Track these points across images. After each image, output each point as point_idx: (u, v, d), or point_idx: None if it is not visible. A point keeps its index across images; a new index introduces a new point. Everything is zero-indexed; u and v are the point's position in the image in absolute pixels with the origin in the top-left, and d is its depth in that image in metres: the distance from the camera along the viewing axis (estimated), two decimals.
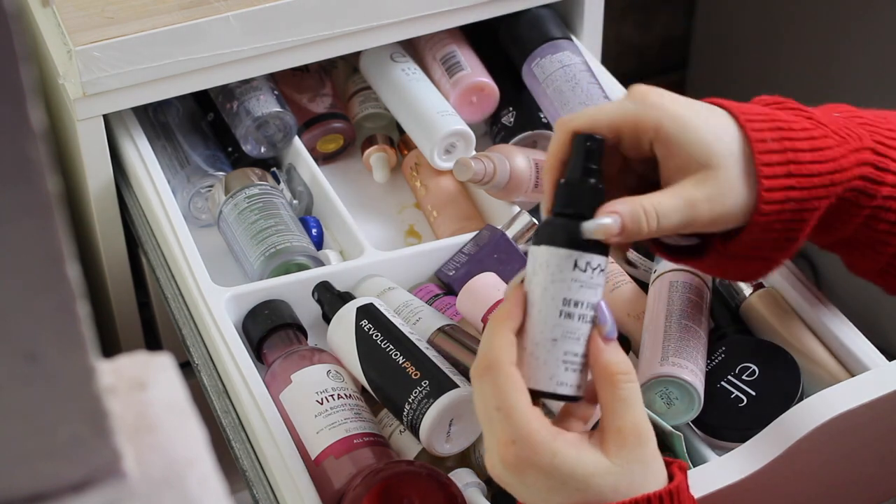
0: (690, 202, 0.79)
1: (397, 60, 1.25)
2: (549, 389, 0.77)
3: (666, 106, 0.80)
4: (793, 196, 0.81)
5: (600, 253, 0.78)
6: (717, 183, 0.79)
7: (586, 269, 0.77)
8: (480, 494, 0.89)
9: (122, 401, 0.51)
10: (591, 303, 0.77)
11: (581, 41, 1.29)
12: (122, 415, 0.51)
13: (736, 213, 0.81)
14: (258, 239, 1.09)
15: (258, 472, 0.93)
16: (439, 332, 0.98)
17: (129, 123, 1.19)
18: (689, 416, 0.91)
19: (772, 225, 0.81)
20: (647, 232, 0.78)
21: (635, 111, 0.80)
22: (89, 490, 0.49)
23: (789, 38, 1.86)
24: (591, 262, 0.77)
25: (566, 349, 0.77)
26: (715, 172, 0.79)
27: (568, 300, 0.77)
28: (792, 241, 0.84)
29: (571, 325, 0.77)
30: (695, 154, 0.79)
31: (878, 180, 0.84)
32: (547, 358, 0.77)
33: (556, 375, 0.77)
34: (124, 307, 1.27)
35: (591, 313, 0.78)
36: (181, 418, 0.52)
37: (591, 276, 0.77)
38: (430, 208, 1.18)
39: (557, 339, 0.77)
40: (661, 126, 0.80)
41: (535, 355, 0.77)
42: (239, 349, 0.99)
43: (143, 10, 1.13)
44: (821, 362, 0.95)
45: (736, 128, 0.81)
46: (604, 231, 0.77)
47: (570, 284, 0.77)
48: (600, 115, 0.81)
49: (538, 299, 0.78)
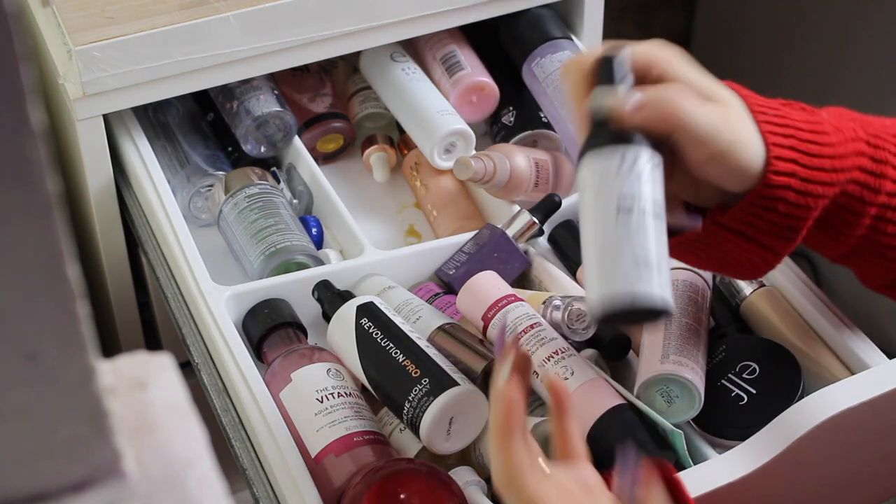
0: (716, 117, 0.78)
1: (397, 60, 1.25)
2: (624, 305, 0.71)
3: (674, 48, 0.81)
4: (797, 172, 0.80)
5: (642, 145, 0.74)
6: (730, 112, 0.79)
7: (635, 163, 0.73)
8: (481, 493, 0.89)
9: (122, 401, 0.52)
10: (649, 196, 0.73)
11: (581, 41, 1.29)
12: (122, 415, 0.51)
13: (749, 155, 0.78)
14: (258, 238, 1.09)
15: (258, 470, 0.93)
16: (439, 331, 0.98)
17: (129, 123, 1.19)
18: (689, 414, 0.91)
19: (776, 203, 0.80)
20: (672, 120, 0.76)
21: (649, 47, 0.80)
22: (89, 490, 0.49)
23: (789, 38, 1.86)
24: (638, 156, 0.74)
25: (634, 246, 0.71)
26: (729, 105, 0.79)
27: (623, 195, 0.72)
28: (793, 232, 0.82)
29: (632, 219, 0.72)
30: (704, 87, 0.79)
31: (877, 172, 0.83)
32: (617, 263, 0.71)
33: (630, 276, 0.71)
34: (124, 307, 1.27)
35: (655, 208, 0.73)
36: (181, 418, 0.52)
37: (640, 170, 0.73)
38: (430, 208, 1.19)
39: (622, 239, 0.71)
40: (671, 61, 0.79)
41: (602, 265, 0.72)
42: (239, 348, 0.99)
43: (143, 10, 1.13)
44: (821, 361, 0.95)
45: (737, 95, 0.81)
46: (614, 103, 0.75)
47: (620, 181, 0.73)
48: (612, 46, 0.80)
49: (592, 208, 0.73)
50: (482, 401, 0.91)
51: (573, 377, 0.91)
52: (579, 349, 0.96)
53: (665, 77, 0.79)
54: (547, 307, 0.98)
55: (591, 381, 0.91)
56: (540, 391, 0.94)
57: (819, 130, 0.82)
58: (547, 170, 1.15)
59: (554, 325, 0.97)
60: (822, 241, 0.86)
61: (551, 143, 1.22)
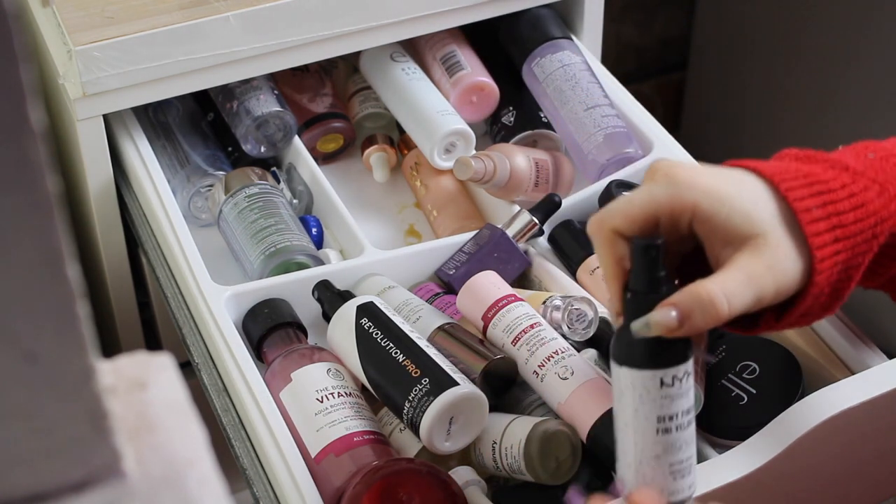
0: (754, 275, 0.75)
1: (397, 60, 1.25)
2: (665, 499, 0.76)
3: (698, 183, 0.76)
4: (840, 259, 0.77)
5: (683, 361, 0.75)
6: (770, 250, 0.75)
7: (673, 383, 0.75)
8: (481, 493, 0.89)
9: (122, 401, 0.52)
10: (684, 409, 0.75)
11: (581, 41, 1.29)
12: (122, 415, 0.51)
13: (794, 280, 0.76)
14: (258, 238, 1.09)
15: (258, 470, 0.93)
16: (439, 331, 0.98)
17: (129, 123, 1.19)
18: None
19: (823, 290, 0.78)
20: (720, 319, 0.74)
21: (669, 195, 0.76)
22: (89, 490, 0.49)
23: (790, 38, 1.86)
24: (676, 375, 0.75)
25: (671, 461, 0.75)
26: (765, 239, 0.75)
27: (662, 417, 0.75)
28: (839, 300, 0.80)
29: (670, 438, 0.75)
30: (739, 225, 0.75)
31: None
32: (654, 475, 0.76)
33: (666, 487, 0.76)
34: (124, 307, 1.27)
35: (689, 417, 0.76)
36: (181, 418, 0.52)
37: (680, 387, 0.75)
38: (430, 207, 1.19)
39: (660, 455, 0.75)
40: (698, 205, 0.75)
41: (640, 472, 0.76)
42: (239, 348, 0.99)
43: (143, 10, 1.14)
44: (821, 360, 0.95)
45: (771, 193, 0.77)
46: (660, 328, 0.74)
47: (661, 402, 0.75)
48: (633, 208, 0.76)
49: (632, 420, 0.76)
50: (482, 401, 0.91)
51: (573, 377, 0.91)
52: (579, 349, 0.96)
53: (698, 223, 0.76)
54: (547, 307, 0.98)
55: (591, 381, 0.91)
56: (540, 391, 0.94)
57: (860, 203, 0.78)
58: (547, 170, 1.15)
59: (554, 325, 0.97)
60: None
61: (551, 143, 1.22)
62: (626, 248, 0.76)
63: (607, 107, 1.18)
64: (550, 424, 0.89)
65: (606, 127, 1.16)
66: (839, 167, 0.80)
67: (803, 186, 0.77)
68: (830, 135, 1.75)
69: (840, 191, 0.78)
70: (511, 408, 0.96)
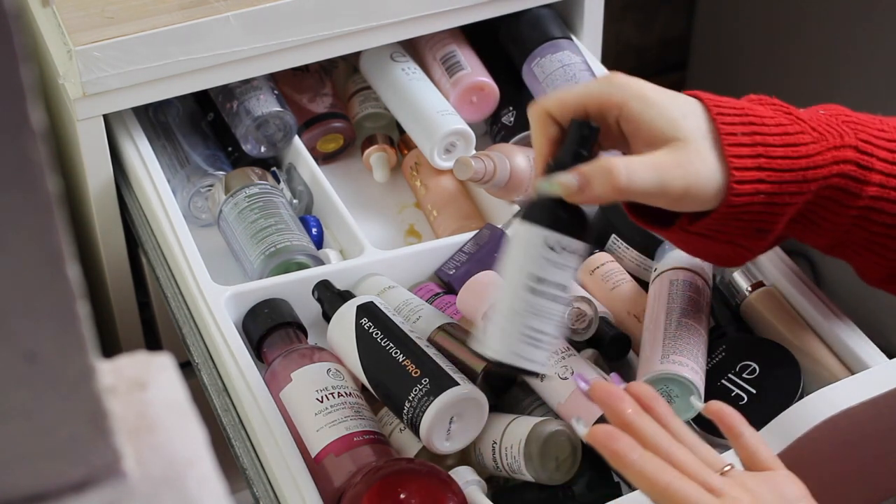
0: (660, 164, 0.80)
1: (397, 60, 1.25)
2: (506, 360, 0.80)
3: (631, 85, 0.83)
4: (762, 189, 0.82)
5: (573, 235, 0.80)
6: (686, 152, 0.80)
7: (557, 249, 0.79)
8: (481, 492, 0.89)
9: (122, 401, 0.51)
10: (558, 283, 0.80)
11: (581, 41, 1.29)
12: (122, 415, 0.51)
13: (707, 191, 0.81)
14: (258, 238, 1.09)
15: (258, 470, 0.93)
16: (439, 331, 0.98)
17: (129, 123, 1.19)
18: (689, 414, 0.91)
19: (740, 215, 0.82)
20: (617, 188, 0.79)
21: (600, 90, 0.83)
22: (89, 490, 0.49)
23: (789, 38, 1.86)
24: (562, 243, 0.79)
25: (527, 323, 0.79)
26: (684, 143, 0.81)
27: (532, 275, 0.79)
28: (763, 233, 0.84)
29: (533, 299, 0.79)
30: (661, 128, 0.81)
31: (861, 179, 0.84)
32: (509, 330, 0.80)
33: (512, 346, 0.80)
34: (124, 307, 1.27)
35: (560, 294, 0.80)
36: (181, 418, 0.52)
37: (560, 258, 0.79)
38: (430, 207, 1.19)
39: (518, 313, 0.79)
40: (625, 103, 0.82)
41: (497, 324, 0.80)
42: (239, 348, 0.99)
43: (143, 10, 1.14)
44: (821, 360, 0.95)
45: (705, 115, 0.82)
46: (561, 188, 0.79)
47: (538, 262, 0.79)
48: (568, 95, 0.83)
49: (508, 271, 0.80)
50: (482, 401, 0.91)
51: (573, 377, 0.91)
52: (579, 349, 0.96)
53: (624, 121, 0.82)
54: None
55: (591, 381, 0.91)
56: (540, 391, 0.94)
57: (793, 143, 0.83)
58: None
59: None
60: (803, 234, 0.87)
61: None
62: (556, 130, 0.83)
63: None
64: (550, 424, 0.89)
65: None
66: (782, 111, 0.85)
67: (735, 115, 0.83)
68: None
69: (773, 127, 0.83)
70: (511, 408, 0.96)
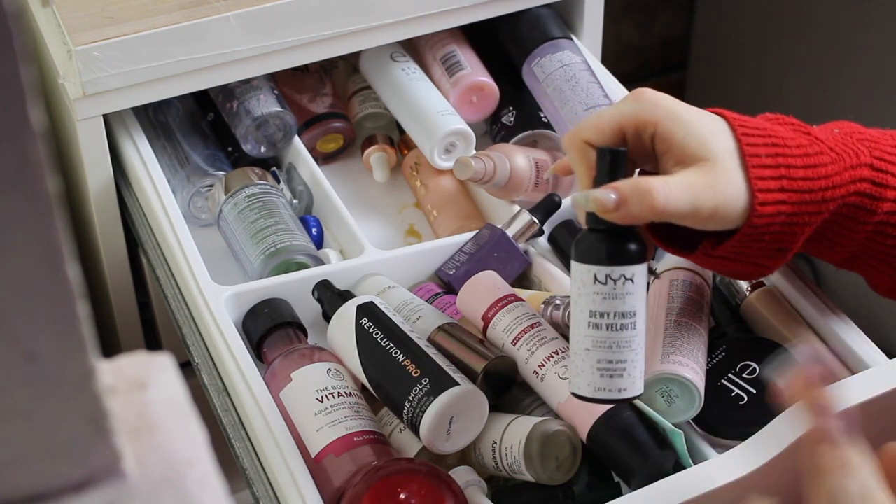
0: (694, 186, 0.81)
1: (397, 60, 1.25)
2: (588, 395, 0.82)
3: (662, 103, 0.83)
4: (784, 210, 0.83)
5: (621, 263, 0.81)
6: (715, 173, 0.81)
7: (606, 281, 0.80)
8: (481, 493, 0.89)
9: (122, 401, 0.51)
10: (619, 311, 0.81)
11: (581, 41, 1.29)
12: (122, 415, 0.51)
13: (733, 211, 0.82)
14: (258, 238, 1.09)
15: (258, 470, 0.93)
16: (439, 331, 0.98)
17: (129, 123, 1.19)
18: (689, 413, 0.91)
19: (761, 236, 0.83)
20: (654, 209, 0.79)
21: (634, 110, 0.83)
22: (89, 490, 0.49)
23: (789, 38, 1.86)
24: (610, 275, 0.81)
25: (599, 357, 0.81)
26: (713, 164, 0.81)
27: (593, 312, 0.81)
28: (783, 252, 0.86)
29: (601, 334, 0.81)
30: (692, 147, 0.82)
31: (877, 196, 0.86)
32: (583, 367, 0.82)
33: (593, 382, 0.82)
34: (124, 307, 1.27)
35: (627, 321, 0.81)
36: (181, 418, 0.52)
37: (615, 288, 0.80)
38: (430, 207, 1.19)
39: (589, 350, 0.81)
40: (658, 122, 0.82)
41: (574, 363, 0.82)
42: (239, 348, 0.99)
43: (143, 10, 1.14)
44: None
45: (731, 135, 0.83)
46: (596, 203, 0.80)
47: (592, 298, 0.81)
48: (602, 120, 0.84)
49: (573, 310, 0.82)
50: (482, 401, 0.91)
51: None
52: None
53: (658, 140, 0.82)
54: (547, 307, 0.98)
55: None
56: (540, 391, 0.94)
57: (813, 164, 0.84)
58: (547, 170, 1.15)
59: (554, 325, 0.97)
60: (819, 250, 0.89)
61: (551, 143, 1.22)
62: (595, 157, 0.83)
63: (607, 107, 1.18)
64: (550, 424, 0.89)
65: None
66: (801, 131, 0.86)
67: (759, 135, 0.83)
68: None
69: (794, 148, 0.84)
70: (511, 408, 0.96)
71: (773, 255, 0.86)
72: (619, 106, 0.84)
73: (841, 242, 0.87)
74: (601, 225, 0.81)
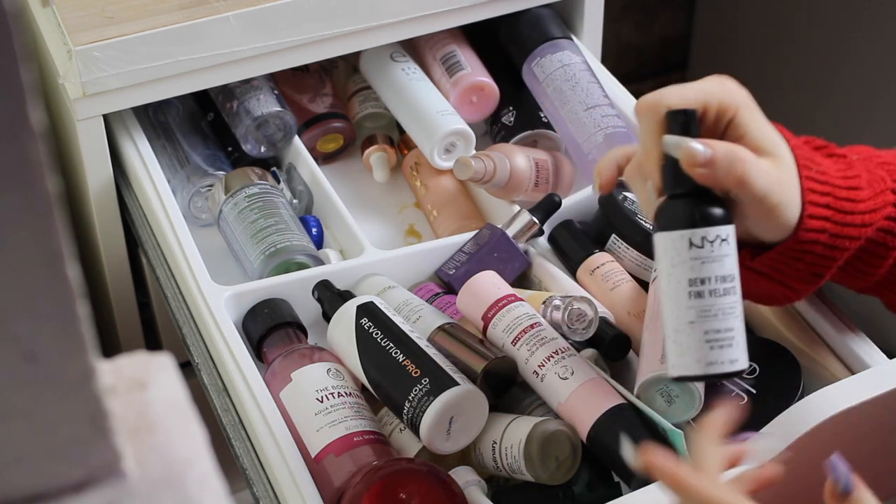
0: (772, 175, 0.80)
1: (397, 60, 1.25)
2: (698, 373, 0.78)
3: (744, 92, 0.83)
4: (828, 229, 0.83)
5: (712, 223, 0.78)
6: (784, 171, 0.81)
7: (703, 244, 0.78)
8: (481, 493, 0.89)
9: (122, 401, 0.51)
10: (719, 275, 0.78)
11: (581, 41, 1.29)
12: (122, 415, 0.51)
13: (788, 215, 0.82)
14: (258, 238, 1.09)
15: (258, 470, 0.93)
16: (439, 331, 0.98)
17: (129, 123, 1.19)
18: (689, 413, 0.91)
19: (803, 255, 0.83)
20: (739, 178, 0.78)
21: (721, 91, 0.82)
22: (89, 490, 0.49)
23: (789, 38, 1.86)
24: (706, 236, 0.78)
25: (706, 328, 0.77)
26: (782, 161, 0.81)
27: (693, 280, 0.78)
28: (818, 277, 0.86)
29: (704, 303, 0.77)
30: (768, 139, 0.81)
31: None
32: (689, 342, 0.77)
33: (703, 357, 0.77)
34: (124, 307, 1.27)
35: (728, 285, 0.78)
36: (181, 418, 0.52)
37: (711, 249, 0.78)
38: (430, 207, 1.19)
39: (694, 322, 0.77)
40: (739, 108, 0.81)
41: (677, 342, 0.78)
42: (239, 348, 0.99)
43: (143, 10, 1.14)
44: (821, 360, 0.95)
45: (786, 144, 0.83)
46: (685, 153, 0.78)
47: (690, 265, 0.78)
48: (688, 91, 0.82)
49: (666, 287, 0.78)
50: (482, 401, 0.91)
51: (573, 377, 0.91)
52: (579, 349, 0.96)
53: (734, 126, 0.82)
54: (547, 307, 0.98)
55: (591, 381, 0.91)
56: (540, 391, 0.94)
57: (854, 186, 0.84)
58: (547, 170, 1.15)
59: (554, 325, 0.97)
60: (846, 279, 0.90)
61: (551, 143, 1.22)
62: None
63: (607, 107, 1.18)
64: (550, 424, 0.89)
65: (606, 127, 1.15)
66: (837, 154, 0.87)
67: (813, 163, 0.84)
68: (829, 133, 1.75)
69: (835, 171, 0.84)
70: (511, 408, 0.96)
71: (807, 279, 0.86)
72: (704, 84, 0.83)
73: (869, 271, 0.88)
74: (681, 189, 0.79)
